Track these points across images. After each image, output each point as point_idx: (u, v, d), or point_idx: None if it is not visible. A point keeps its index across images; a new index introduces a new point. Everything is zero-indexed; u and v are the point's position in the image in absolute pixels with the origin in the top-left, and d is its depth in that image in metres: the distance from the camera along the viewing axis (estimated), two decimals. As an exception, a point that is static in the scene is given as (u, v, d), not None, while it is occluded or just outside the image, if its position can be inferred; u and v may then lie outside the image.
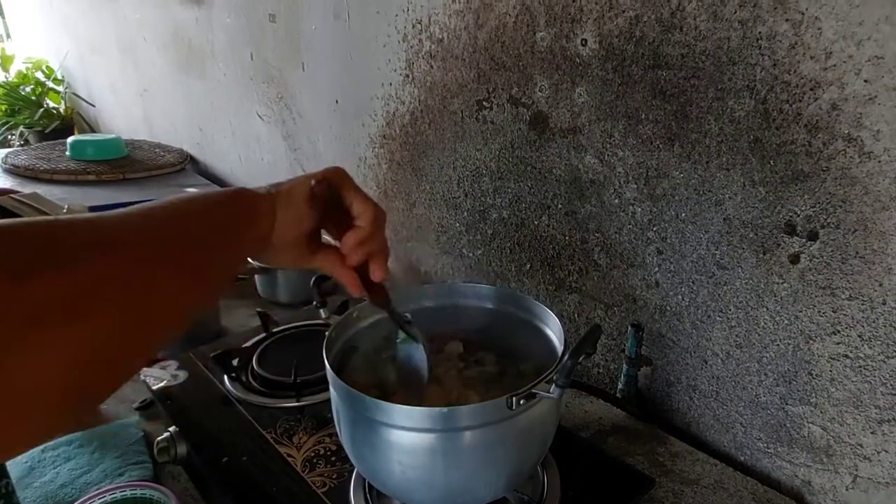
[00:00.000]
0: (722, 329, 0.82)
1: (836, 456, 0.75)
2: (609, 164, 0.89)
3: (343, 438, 0.60)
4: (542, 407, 0.55)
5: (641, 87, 0.82)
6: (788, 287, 0.74)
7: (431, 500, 0.59)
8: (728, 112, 0.74)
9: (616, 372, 0.98)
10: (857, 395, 0.71)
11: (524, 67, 0.97)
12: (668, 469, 0.81)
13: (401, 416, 0.52)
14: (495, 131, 1.05)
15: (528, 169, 1.02)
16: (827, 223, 0.69)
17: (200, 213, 0.44)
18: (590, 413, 0.92)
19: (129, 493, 0.71)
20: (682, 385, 0.90)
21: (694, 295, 0.84)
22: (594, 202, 0.93)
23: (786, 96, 0.69)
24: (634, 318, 0.93)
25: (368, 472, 0.60)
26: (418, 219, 1.29)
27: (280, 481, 0.69)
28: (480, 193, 1.12)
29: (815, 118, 0.67)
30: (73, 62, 3.19)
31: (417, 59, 1.16)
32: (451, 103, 1.12)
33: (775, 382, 0.78)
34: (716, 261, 0.80)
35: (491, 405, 0.52)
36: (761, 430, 0.82)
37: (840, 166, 0.66)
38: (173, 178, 1.95)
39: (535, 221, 1.04)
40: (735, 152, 0.75)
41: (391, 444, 0.54)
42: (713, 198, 0.78)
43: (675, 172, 0.81)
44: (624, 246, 0.91)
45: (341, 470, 0.70)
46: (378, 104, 1.29)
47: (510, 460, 0.56)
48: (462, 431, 0.53)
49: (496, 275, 1.15)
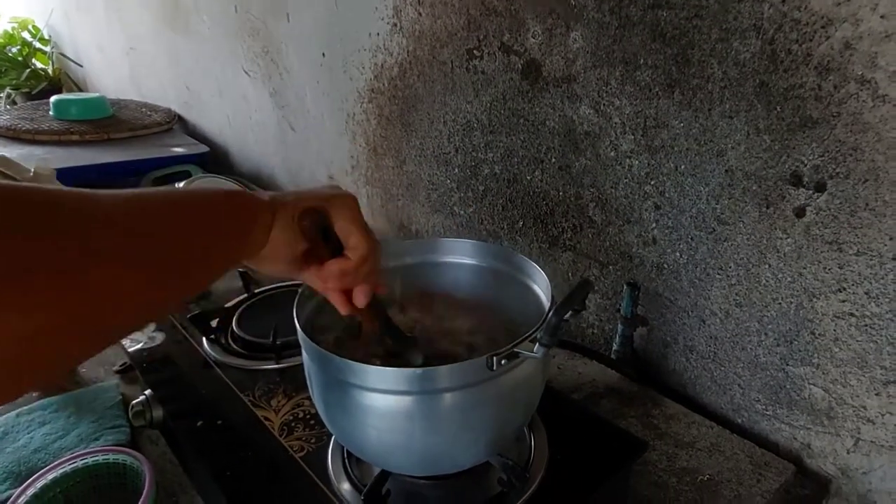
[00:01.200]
0: (721, 287, 0.78)
1: (837, 418, 0.72)
2: (605, 115, 0.84)
3: (316, 402, 0.57)
4: (525, 367, 0.52)
5: (640, 29, 0.76)
6: (792, 242, 0.70)
7: (409, 465, 0.56)
8: (732, 54, 0.69)
9: (611, 333, 0.94)
10: (862, 355, 0.68)
11: (516, 12, 0.91)
12: (663, 432, 0.78)
13: (375, 378, 0.49)
14: (486, 82, 1.00)
15: (520, 121, 0.97)
16: (835, 173, 0.64)
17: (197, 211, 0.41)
18: (583, 375, 0.89)
19: (101, 459, 0.69)
20: (679, 346, 0.86)
21: (692, 252, 0.80)
22: (589, 155, 0.88)
23: (795, 35, 0.63)
24: (630, 276, 0.89)
25: (344, 437, 0.57)
26: (409, 176, 1.25)
27: (257, 445, 0.66)
28: (472, 148, 1.07)
29: (825, 59, 0.62)
30: (59, 20, 3.10)
31: (405, 5, 1.09)
32: (440, 53, 1.06)
33: (776, 342, 0.75)
34: (716, 215, 0.76)
35: (470, 365, 0.48)
36: (760, 392, 0.79)
37: (851, 111, 0.61)
38: (159, 138, 1.89)
39: (528, 177, 0.99)
40: (739, 98, 0.69)
41: (365, 407, 0.51)
42: (715, 148, 0.73)
43: (674, 122, 0.76)
44: (620, 201, 0.87)
45: (319, 434, 0.67)
46: (366, 56, 1.23)
47: (492, 424, 0.52)
48: (440, 393, 0.49)
49: (488, 233, 1.11)
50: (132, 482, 0.68)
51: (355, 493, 0.59)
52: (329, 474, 0.62)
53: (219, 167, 1.96)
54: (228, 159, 1.98)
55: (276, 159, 1.70)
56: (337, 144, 1.42)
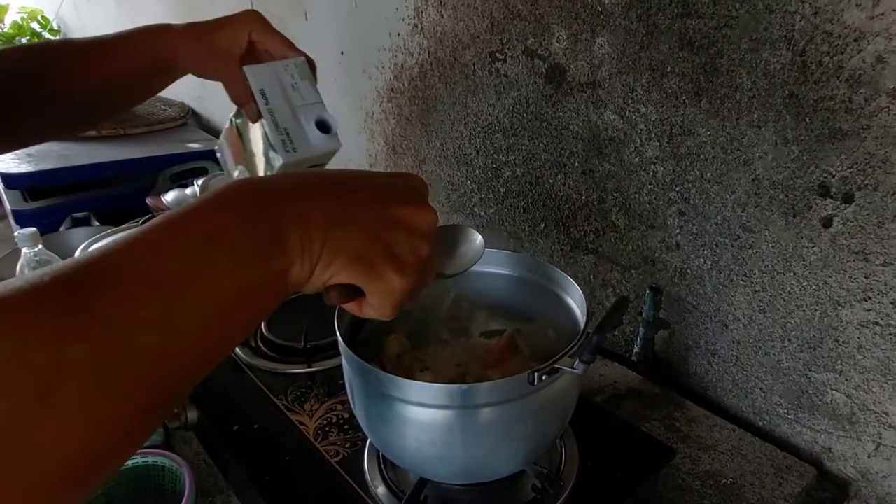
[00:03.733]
0: (745, 293, 0.79)
1: (859, 423, 0.73)
2: (630, 121, 0.85)
3: (356, 411, 0.58)
4: (563, 382, 0.53)
5: (668, 37, 0.77)
6: (819, 251, 0.71)
7: (448, 474, 0.58)
8: (762, 65, 0.69)
9: (632, 335, 0.95)
10: (886, 363, 0.69)
11: (541, 16, 0.91)
12: (685, 435, 0.80)
13: (417, 393, 0.50)
14: (509, 85, 1.00)
15: (543, 125, 0.97)
16: (864, 185, 0.65)
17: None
18: (605, 377, 0.91)
19: (140, 461, 0.70)
20: (701, 349, 0.88)
21: (717, 258, 0.81)
22: (613, 160, 0.89)
23: (826, 48, 0.64)
24: (653, 280, 0.90)
25: (383, 445, 0.59)
26: (428, 176, 1.25)
27: (293, 450, 0.68)
28: (493, 150, 1.08)
29: (857, 72, 0.62)
30: (69, 12, 3.09)
31: (427, 6, 1.09)
32: (462, 55, 1.06)
33: (799, 349, 0.76)
34: (741, 223, 0.77)
35: (512, 381, 0.50)
36: (782, 396, 0.80)
37: (882, 124, 0.62)
38: (175, 132, 1.90)
39: (550, 180, 1.00)
40: (768, 108, 0.70)
41: (407, 419, 0.52)
42: (742, 157, 0.74)
43: (701, 129, 0.77)
44: (644, 206, 0.87)
45: (354, 439, 0.69)
46: (385, 56, 1.23)
47: (530, 435, 0.54)
48: (481, 408, 0.51)
49: (509, 234, 1.12)
50: (171, 484, 0.70)
51: (393, 498, 0.60)
52: (366, 479, 0.63)
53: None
54: (243, 154, 1.99)
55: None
56: (355, 142, 1.43)
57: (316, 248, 0.34)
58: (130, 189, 1.60)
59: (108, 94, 0.67)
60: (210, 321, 0.30)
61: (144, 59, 0.65)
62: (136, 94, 0.71)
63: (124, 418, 0.27)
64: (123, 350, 0.27)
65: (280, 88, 0.62)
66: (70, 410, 0.25)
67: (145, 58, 0.65)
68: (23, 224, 1.29)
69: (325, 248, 0.35)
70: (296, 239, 0.34)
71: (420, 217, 0.39)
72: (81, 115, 0.70)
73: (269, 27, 0.65)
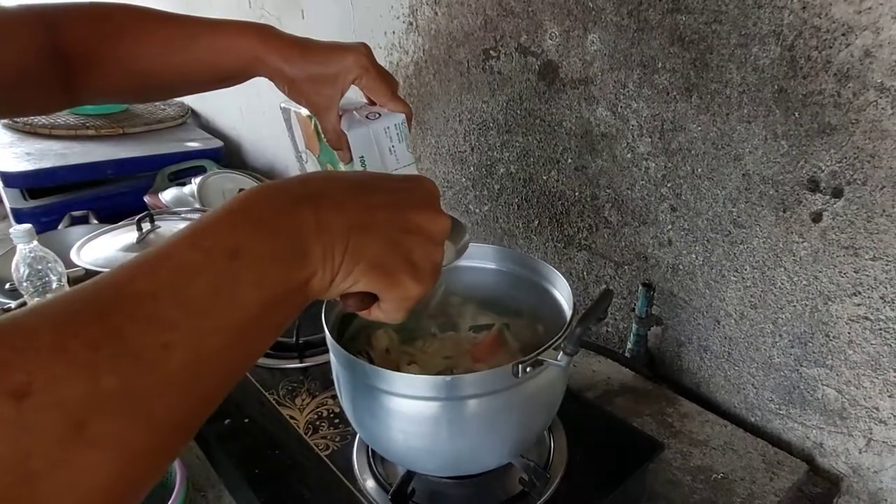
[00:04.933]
0: (736, 289, 0.79)
1: (850, 419, 0.73)
2: (622, 117, 0.85)
3: (344, 404, 0.58)
4: (549, 374, 0.53)
5: (658, 33, 0.77)
6: (809, 246, 0.71)
7: (435, 466, 0.58)
8: (752, 60, 0.69)
9: (625, 331, 0.96)
10: (876, 357, 0.69)
11: (533, 13, 0.91)
12: (677, 430, 0.80)
13: (403, 385, 0.51)
14: (503, 82, 1.00)
15: (536, 122, 0.97)
16: (853, 179, 0.65)
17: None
18: (597, 373, 0.91)
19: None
20: (693, 345, 0.88)
21: (708, 254, 0.81)
22: (605, 156, 0.89)
23: (815, 42, 0.64)
24: (645, 276, 0.90)
25: (371, 438, 0.59)
26: (423, 173, 1.25)
27: (283, 444, 0.68)
28: (487, 147, 1.08)
29: (845, 66, 0.62)
30: None
31: (421, 4, 1.10)
32: (456, 53, 1.07)
33: (790, 344, 0.76)
34: (732, 218, 0.77)
35: (496, 373, 0.50)
36: (773, 392, 0.80)
37: (870, 118, 0.62)
38: (173, 132, 1.91)
39: (544, 176, 1.00)
40: (757, 103, 0.70)
41: (393, 411, 0.52)
42: (732, 152, 0.74)
43: (692, 125, 0.77)
44: (636, 202, 0.88)
45: (344, 433, 0.69)
46: (381, 54, 1.24)
47: (516, 428, 0.54)
48: (466, 399, 0.51)
49: (503, 231, 1.12)
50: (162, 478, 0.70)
51: (381, 491, 0.61)
52: (355, 472, 0.64)
53: (233, 162, 1.97)
54: (242, 154, 2.00)
55: (291, 154, 1.71)
56: (351, 140, 1.43)
57: (338, 257, 0.34)
58: (129, 188, 1.61)
59: (185, 76, 0.63)
60: (235, 337, 0.30)
61: (237, 59, 0.61)
62: (211, 84, 0.67)
63: (158, 442, 0.27)
64: (155, 376, 0.27)
65: (377, 153, 0.61)
66: (106, 443, 0.25)
67: (239, 59, 0.61)
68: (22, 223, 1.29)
69: (346, 256, 0.35)
70: (318, 248, 0.33)
71: (436, 223, 0.39)
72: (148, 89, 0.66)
73: (376, 70, 0.60)
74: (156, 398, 0.27)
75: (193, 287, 0.29)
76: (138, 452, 0.26)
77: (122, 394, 0.25)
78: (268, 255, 0.32)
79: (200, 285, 0.29)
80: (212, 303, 0.29)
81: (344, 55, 0.59)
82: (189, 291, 0.29)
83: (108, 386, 0.25)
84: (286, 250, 0.32)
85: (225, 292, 0.30)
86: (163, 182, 1.63)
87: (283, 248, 0.32)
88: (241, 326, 0.30)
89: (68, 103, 0.62)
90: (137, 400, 0.26)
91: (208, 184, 1.48)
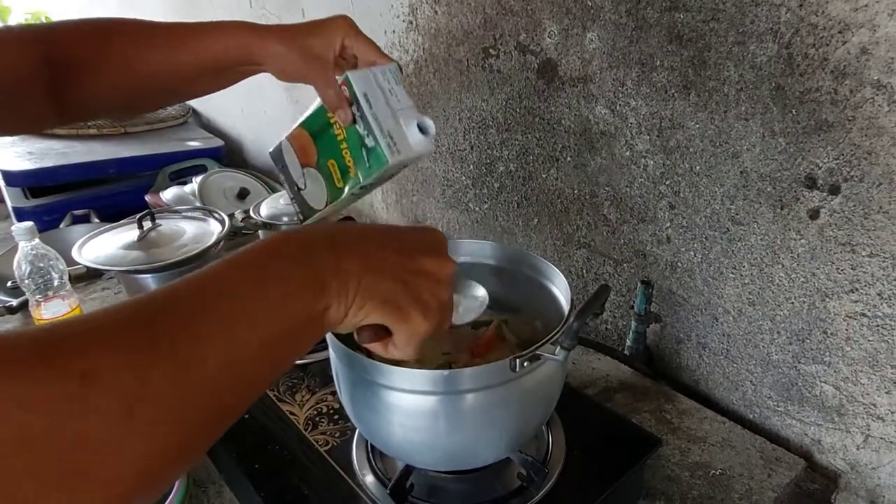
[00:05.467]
0: (735, 286, 0.80)
1: (848, 415, 0.73)
2: (621, 115, 0.85)
3: (343, 399, 0.59)
4: (546, 369, 0.54)
5: (657, 31, 0.77)
6: (806, 243, 0.71)
7: (433, 461, 0.58)
8: (749, 58, 0.70)
9: (624, 329, 0.96)
10: (874, 354, 0.69)
11: (532, 12, 0.91)
12: (676, 427, 0.80)
13: (401, 379, 0.51)
14: (502, 81, 1.01)
15: (536, 120, 0.98)
16: (850, 176, 0.65)
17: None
18: (597, 370, 0.91)
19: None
20: (692, 342, 0.88)
21: (706, 251, 0.81)
22: (604, 154, 0.90)
23: (812, 40, 0.64)
24: (644, 274, 0.90)
25: (369, 433, 0.59)
26: (423, 172, 1.26)
27: (282, 439, 0.69)
28: (487, 146, 1.09)
29: (842, 63, 0.63)
30: (74, 15, 3.12)
31: (421, 3, 1.10)
32: (456, 51, 1.07)
33: (788, 341, 0.76)
34: (730, 216, 0.77)
35: (494, 367, 0.50)
36: (771, 389, 0.80)
37: (867, 115, 0.62)
38: (175, 131, 1.91)
39: (543, 175, 1.00)
40: (755, 101, 0.70)
41: (391, 406, 0.53)
42: (730, 150, 0.75)
43: (690, 123, 0.78)
44: (635, 200, 0.88)
45: (343, 428, 0.69)
46: (381, 53, 1.24)
47: (513, 422, 0.54)
48: (464, 394, 0.51)
49: (503, 229, 1.12)
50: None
51: (380, 486, 0.61)
52: (354, 467, 0.64)
53: (234, 161, 1.97)
54: (242, 153, 2.00)
55: (290, 153, 1.72)
56: (352, 139, 1.44)
57: (351, 293, 0.39)
58: (130, 187, 1.61)
59: (176, 82, 0.64)
60: (257, 354, 0.34)
61: (228, 52, 0.62)
62: (206, 86, 0.68)
63: (184, 441, 0.31)
64: (191, 381, 0.31)
65: (380, 91, 0.62)
66: (145, 434, 0.28)
67: (229, 51, 0.62)
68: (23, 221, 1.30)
69: (359, 293, 0.39)
70: (334, 284, 0.38)
71: (443, 268, 0.44)
72: (141, 96, 0.67)
73: (360, 33, 0.66)
74: (189, 400, 0.30)
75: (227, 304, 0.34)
76: (167, 449, 0.30)
77: (167, 392, 0.29)
78: (292, 282, 0.37)
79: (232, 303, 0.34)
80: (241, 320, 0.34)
81: (330, 21, 0.65)
82: (222, 308, 0.33)
83: (155, 383, 0.29)
84: (308, 282, 0.37)
85: (251, 311, 0.34)
86: (164, 181, 1.64)
87: (306, 280, 0.37)
88: (262, 344, 0.34)
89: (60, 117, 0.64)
90: (175, 400, 0.30)
91: (209, 183, 1.49)
